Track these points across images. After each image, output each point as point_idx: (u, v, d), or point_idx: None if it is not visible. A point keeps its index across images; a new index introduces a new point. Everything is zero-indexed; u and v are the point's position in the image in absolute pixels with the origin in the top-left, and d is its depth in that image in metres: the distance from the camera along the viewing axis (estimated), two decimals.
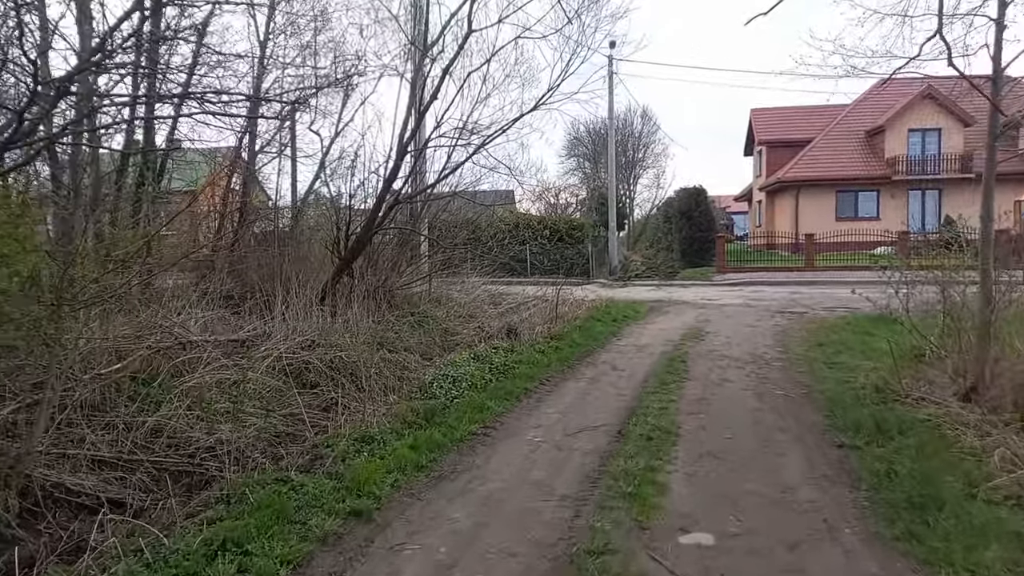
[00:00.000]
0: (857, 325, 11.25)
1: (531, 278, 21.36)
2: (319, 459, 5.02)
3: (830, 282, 21.16)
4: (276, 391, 7.25)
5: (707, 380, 7.75)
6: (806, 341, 10.24)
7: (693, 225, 27.05)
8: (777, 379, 7.75)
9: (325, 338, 8.68)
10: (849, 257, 24.80)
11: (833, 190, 31.42)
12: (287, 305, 9.72)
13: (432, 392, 7.04)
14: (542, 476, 4.77)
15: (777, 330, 11.59)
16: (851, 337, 10.08)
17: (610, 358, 9.36)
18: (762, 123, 37.24)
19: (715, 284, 22.28)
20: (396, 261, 12.67)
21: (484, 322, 12.13)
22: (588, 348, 10.02)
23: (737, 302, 16.56)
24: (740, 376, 7.94)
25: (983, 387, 6.07)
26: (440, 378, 7.46)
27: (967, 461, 4.51)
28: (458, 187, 13.57)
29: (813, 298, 16.93)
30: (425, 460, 5.02)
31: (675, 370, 8.24)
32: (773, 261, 26.84)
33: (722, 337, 10.93)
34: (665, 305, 16.13)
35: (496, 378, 7.81)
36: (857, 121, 33.31)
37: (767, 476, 4.69)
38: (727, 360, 8.92)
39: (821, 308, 14.69)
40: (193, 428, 5.86)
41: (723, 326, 12.22)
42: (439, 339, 10.92)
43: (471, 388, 7.23)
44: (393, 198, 10.64)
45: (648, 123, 52.35)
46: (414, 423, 5.96)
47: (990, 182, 6.54)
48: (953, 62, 5.77)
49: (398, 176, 10.13)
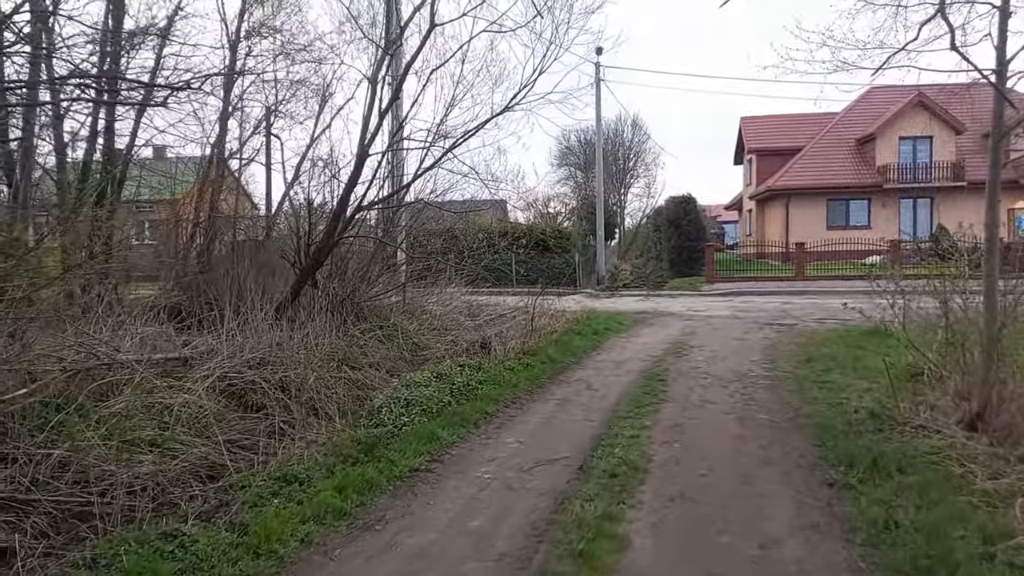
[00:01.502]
0: (849, 338, 10.61)
1: (516, 288, 20.68)
2: (225, 505, 4.31)
3: (821, 292, 20.57)
4: (214, 416, 6.55)
5: (686, 402, 7.06)
6: (795, 356, 9.58)
7: (682, 234, 26.42)
8: (763, 401, 7.08)
9: (278, 355, 7.98)
10: (840, 266, 24.23)
11: (824, 199, 30.90)
12: (244, 319, 9.03)
13: (380, 418, 6.34)
14: (484, 525, 4.07)
15: (765, 344, 10.94)
16: (843, 352, 9.43)
17: (585, 376, 8.67)
18: (752, 131, 36.77)
19: (704, 294, 21.65)
20: (366, 271, 11.99)
21: (459, 335, 11.46)
22: (563, 364, 9.34)
23: (725, 313, 15.91)
24: (723, 397, 7.26)
25: (990, 413, 5.41)
26: (392, 401, 6.76)
27: (981, 510, 3.83)
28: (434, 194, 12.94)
29: (803, 309, 16.30)
30: (351, 505, 4.31)
31: (653, 390, 7.56)
32: (763, 271, 26.25)
33: (707, 352, 10.27)
34: (651, 317, 15.46)
35: (456, 400, 7.11)
36: (848, 129, 32.88)
37: (747, 525, 4.00)
38: (710, 378, 8.25)
39: (811, 320, 14.06)
40: (109, 461, 5.15)
41: (709, 340, 11.56)
42: (408, 354, 10.24)
43: (424, 413, 6.52)
44: (355, 205, 9.97)
45: (639, 132, 51.94)
46: (349, 457, 5.25)
47: (994, 186, 5.91)
48: (956, 45, 5.12)
49: (359, 182, 9.45)
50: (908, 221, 30.29)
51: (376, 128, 8.95)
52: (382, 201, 10.25)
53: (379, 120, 8.89)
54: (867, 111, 33.29)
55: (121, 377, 6.55)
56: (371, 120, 9.05)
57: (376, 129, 9.01)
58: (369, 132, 9.08)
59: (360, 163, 9.21)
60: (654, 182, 54.50)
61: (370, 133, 9.06)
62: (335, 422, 6.89)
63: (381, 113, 8.83)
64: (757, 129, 36.64)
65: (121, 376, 6.57)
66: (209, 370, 7.17)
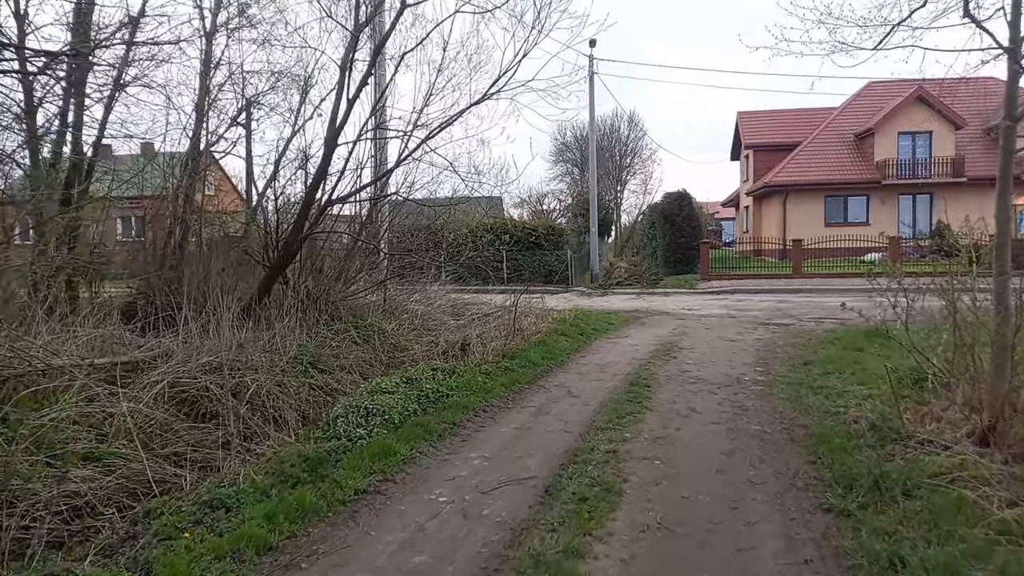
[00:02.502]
0: (847, 339, 10.08)
1: (506, 287, 20.14)
2: (133, 538, 3.77)
3: (818, 290, 20.07)
4: (161, 426, 6.03)
5: (671, 410, 6.53)
6: (791, 359, 9.06)
7: (677, 230, 25.80)
8: (755, 409, 6.54)
9: (238, 358, 7.45)
10: (839, 264, 23.71)
11: (822, 195, 30.34)
12: (207, 318, 8.50)
13: (335, 430, 5.80)
14: (427, 564, 3.53)
15: (759, 345, 10.41)
16: (841, 354, 8.90)
17: (567, 380, 8.14)
18: (749, 126, 36.22)
19: (698, 292, 21.12)
20: (343, 269, 11.46)
21: (440, 336, 10.92)
22: (544, 368, 8.79)
23: (719, 312, 15.38)
24: (711, 405, 6.72)
25: (1004, 426, 4.88)
26: (352, 410, 6.21)
27: (1000, 547, 3.29)
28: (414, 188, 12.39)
29: (800, 308, 15.78)
30: (279, 537, 3.77)
31: (637, 396, 7.02)
32: (760, 268, 25.69)
33: (697, 354, 9.74)
34: (642, 316, 14.93)
35: (423, 409, 6.57)
36: (846, 124, 32.35)
37: (732, 564, 3.47)
38: (699, 383, 7.72)
39: (808, 319, 13.54)
40: (35, 478, 4.63)
41: (700, 340, 11.03)
42: (385, 356, 9.71)
43: (385, 424, 5.98)
44: (325, 198, 9.43)
45: (635, 128, 51.41)
46: (291, 477, 4.70)
47: (1006, 175, 5.38)
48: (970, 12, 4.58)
49: (328, 173, 8.90)
50: (907, 217, 29.77)
51: (344, 115, 8.39)
52: (353, 194, 9.68)
53: (347, 107, 8.32)
54: (866, 106, 32.77)
55: (60, 384, 6.04)
56: (340, 107, 8.49)
57: (344, 116, 8.45)
58: (338, 120, 8.53)
59: (328, 153, 8.66)
60: (651, 178, 53.84)
61: (339, 121, 8.51)
62: (293, 432, 6.38)
63: (350, 100, 8.26)
64: (754, 124, 36.10)
65: (60, 383, 6.06)
66: (160, 375, 6.65)
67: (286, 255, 9.20)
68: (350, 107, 8.38)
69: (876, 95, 32.99)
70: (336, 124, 8.54)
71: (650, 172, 55.79)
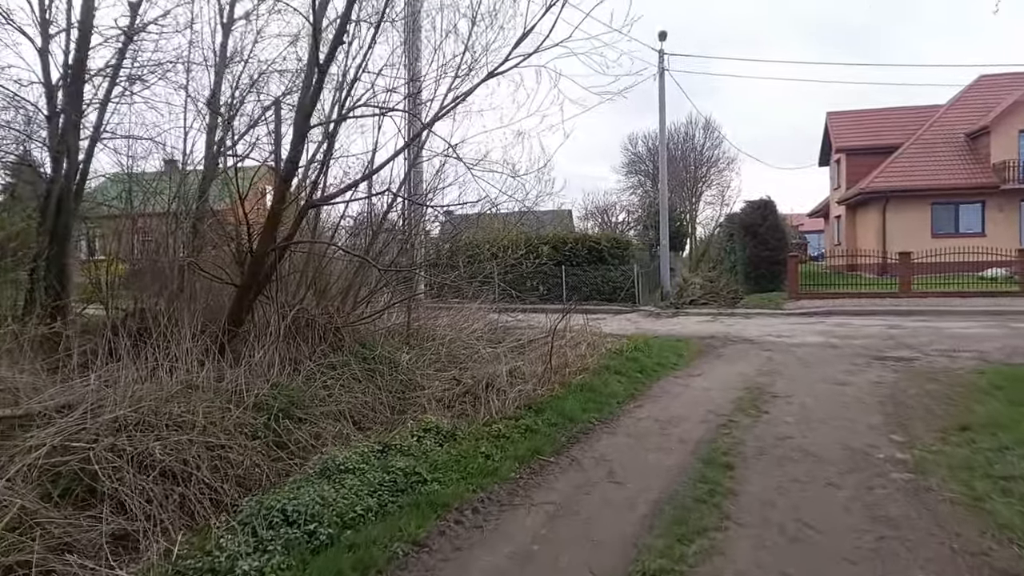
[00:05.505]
0: (1009, 386, 7.31)
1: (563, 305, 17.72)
2: None
3: (934, 312, 16.83)
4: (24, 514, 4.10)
5: (769, 524, 4.04)
6: (937, 419, 6.37)
7: (760, 243, 22.71)
8: (909, 526, 3.98)
9: (166, 410, 5.48)
10: (955, 280, 20.24)
11: (928, 202, 26.63)
12: (169, 351, 6.66)
13: (214, 558, 3.59)
14: None
15: (881, 393, 7.70)
16: (1009, 412, 6.19)
17: (611, 449, 5.74)
18: (840, 128, 32.67)
19: (786, 313, 18.15)
20: (349, 286, 9.45)
21: (469, 369, 8.75)
22: (582, 426, 6.41)
23: (816, 340, 12.56)
24: (834, 514, 4.20)
25: None
26: (263, 513, 4.01)
27: None
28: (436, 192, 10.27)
29: (918, 335, 12.78)
30: None
31: (713, 491, 4.56)
32: (857, 285, 22.34)
33: (796, 406, 7.15)
34: (719, 345, 12.28)
35: (380, 506, 4.33)
36: (955, 122, 28.57)
37: None
38: (806, 463, 5.18)
39: (934, 351, 10.63)
40: None
41: (798, 383, 8.38)
42: (392, 397, 7.67)
43: (303, 544, 3.75)
44: (304, 199, 7.39)
45: (711, 136, 48.35)
46: None
47: None
48: None
49: (299, 166, 6.85)
50: None
51: (314, 87, 6.30)
52: (339, 193, 7.58)
53: (318, 76, 6.22)
54: (978, 101, 28.93)
55: None
56: (311, 80, 6.42)
57: (318, 89, 6.37)
58: (309, 96, 6.46)
59: (300, 140, 6.60)
60: (728, 188, 50.43)
61: (309, 96, 6.43)
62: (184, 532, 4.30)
63: (319, 67, 6.15)
64: (846, 125, 32.55)
65: None
66: (42, 438, 4.70)
67: (255, 271, 7.17)
68: (320, 75, 6.28)
69: (989, 88, 29.12)
70: (305, 101, 6.47)
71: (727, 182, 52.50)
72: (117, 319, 7.54)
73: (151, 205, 9.34)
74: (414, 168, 9.51)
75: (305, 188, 7.52)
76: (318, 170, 7.25)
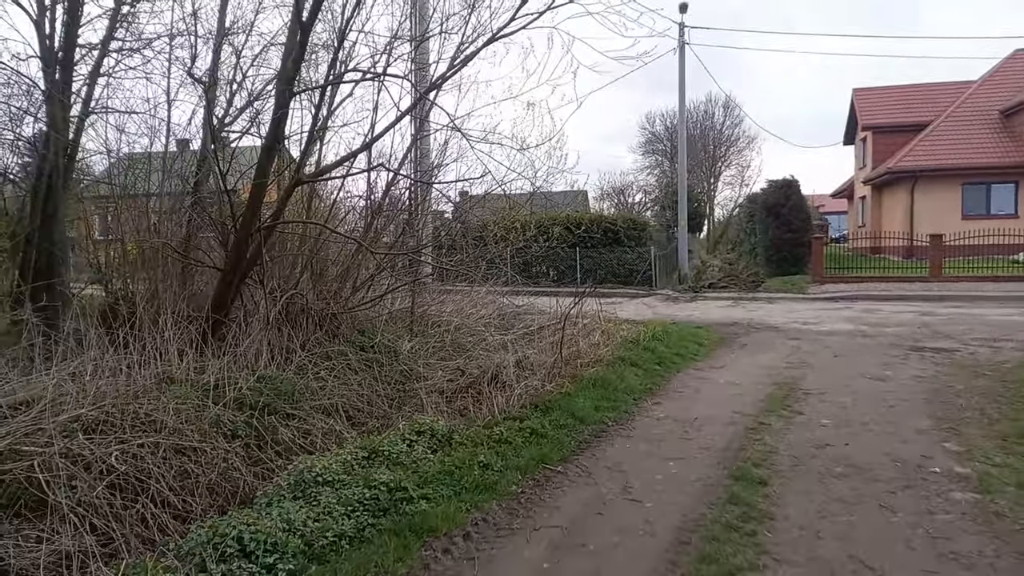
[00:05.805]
0: None
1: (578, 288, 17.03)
2: None
3: (968, 297, 15.97)
4: None
5: (815, 563, 3.39)
6: (993, 423, 5.67)
7: (782, 224, 21.76)
8: (983, 564, 3.32)
9: (136, 407, 4.96)
10: (989, 264, 19.29)
11: (958, 182, 25.51)
12: (154, 338, 6.16)
13: None
14: None
15: (925, 389, 6.99)
16: None
17: (627, 457, 5.10)
18: (867, 105, 31.45)
19: (811, 298, 17.36)
20: (347, 269, 8.83)
21: (475, 359, 8.17)
22: (595, 428, 5.77)
23: (845, 328, 11.81)
24: (893, 553, 3.53)
25: None
26: (218, 540, 3.41)
27: None
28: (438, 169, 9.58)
29: (954, 321, 12.01)
30: None
31: (746, 514, 3.91)
32: (884, 268, 21.41)
33: (832, 405, 6.46)
34: (742, 333, 11.57)
35: (357, 529, 3.73)
36: (988, 99, 27.31)
37: None
38: (852, 477, 4.52)
39: (975, 341, 9.87)
40: None
41: (832, 378, 7.69)
42: (391, 389, 7.12)
43: None
44: (291, 175, 6.75)
45: (731, 115, 47.15)
46: None
47: None
48: None
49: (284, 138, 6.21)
50: None
51: (296, 48, 5.63)
52: (332, 168, 6.93)
53: (301, 35, 5.55)
54: (1012, 77, 27.65)
55: None
56: (295, 37, 5.76)
57: (296, 49, 5.70)
58: (291, 59, 5.79)
59: (282, 102, 5.94)
60: (748, 167, 49.27)
61: (292, 60, 5.76)
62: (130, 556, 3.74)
63: (303, 24, 5.48)
64: (873, 102, 31.32)
65: None
66: None
67: (239, 254, 6.57)
68: (305, 36, 5.60)
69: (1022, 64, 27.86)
70: (288, 65, 5.80)
71: (747, 161, 51.28)
72: (106, 304, 7.01)
73: (145, 185, 8.75)
74: (417, 143, 8.85)
75: (294, 163, 6.88)
76: (306, 143, 6.58)
